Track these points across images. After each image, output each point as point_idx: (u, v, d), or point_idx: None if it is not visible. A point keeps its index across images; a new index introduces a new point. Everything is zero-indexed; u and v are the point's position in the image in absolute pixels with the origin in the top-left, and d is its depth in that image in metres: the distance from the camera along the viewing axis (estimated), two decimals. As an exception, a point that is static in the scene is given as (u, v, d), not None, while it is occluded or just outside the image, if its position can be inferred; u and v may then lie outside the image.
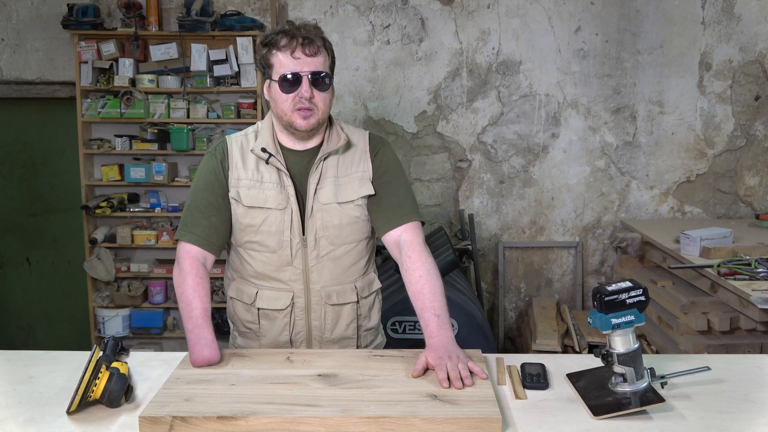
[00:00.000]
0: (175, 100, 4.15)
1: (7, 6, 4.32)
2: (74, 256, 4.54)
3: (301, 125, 1.80)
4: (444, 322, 1.73)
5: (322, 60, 1.79)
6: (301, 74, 1.77)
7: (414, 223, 1.89)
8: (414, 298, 1.80)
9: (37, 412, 1.53)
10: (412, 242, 1.86)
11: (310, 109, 1.79)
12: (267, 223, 1.86)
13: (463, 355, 1.65)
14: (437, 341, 1.68)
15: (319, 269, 1.90)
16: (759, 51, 4.24)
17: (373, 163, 1.92)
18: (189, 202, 1.91)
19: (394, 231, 1.88)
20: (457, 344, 1.70)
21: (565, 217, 4.42)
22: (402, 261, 1.85)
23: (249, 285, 1.95)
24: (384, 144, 1.98)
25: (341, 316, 1.95)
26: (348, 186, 1.89)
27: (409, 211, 1.90)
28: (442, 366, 1.59)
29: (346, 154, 1.91)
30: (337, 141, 1.89)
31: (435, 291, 1.77)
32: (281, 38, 1.78)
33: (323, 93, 1.80)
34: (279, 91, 1.79)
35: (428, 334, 1.72)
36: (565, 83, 4.30)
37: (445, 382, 1.54)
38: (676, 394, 1.58)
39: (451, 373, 1.56)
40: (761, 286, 2.80)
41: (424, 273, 1.80)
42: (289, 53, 1.77)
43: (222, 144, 1.94)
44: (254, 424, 1.42)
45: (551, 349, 3.66)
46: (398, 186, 1.93)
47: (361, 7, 4.28)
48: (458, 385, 1.54)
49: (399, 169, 1.96)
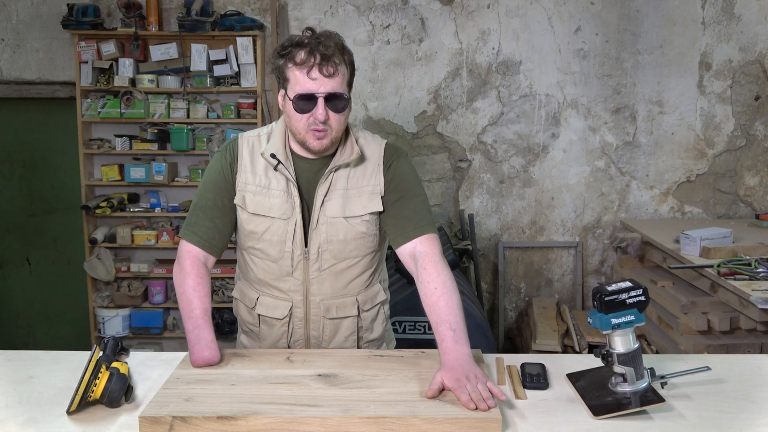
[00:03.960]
0: (175, 100, 4.15)
1: (7, 6, 4.32)
2: (74, 256, 4.54)
3: (314, 146, 1.75)
4: (460, 336, 1.63)
5: (339, 80, 1.71)
6: (317, 95, 1.70)
7: (430, 235, 1.82)
8: (429, 312, 1.71)
9: (37, 412, 1.53)
10: (428, 254, 1.78)
11: (324, 131, 1.73)
12: (270, 232, 1.83)
13: (481, 374, 1.55)
14: (453, 358, 1.59)
15: (320, 282, 1.87)
16: (759, 51, 4.24)
17: (386, 176, 1.86)
18: (195, 201, 1.89)
19: (409, 244, 1.82)
20: (474, 362, 1.60)
21: (565, 217, 4.42)
22: (417, 273, 1.78)
23: (251, 289, 1.94)
24: (399, 156, 1.89)
25: (340, 329, 1.92)
26: (357, 200, 1.84)
27: (424, 224, 1.82)
28: (462, 389, 1.49)
29: (358, 167, 1.85)
30: (350, 154, 1.82)
31: (451, 304, 1.69)
32: (298, 52, 1.70)
33: (339, 113, 1.73)
34: (293, 109, 1.73)
35: (443, 350, 1.62)
36: (565, 83, 4.30)
37: (471, 404, 1.46)
38: (676, 394, 1.58)
39: (474, 395, 1.47)
40: (761, 286, 2.80)
41: (439, 285, 1.72)
42: (305, 72, 1.69)
43: (233, 143, 1.89)
44: (254, 424, 1.41)
45: (551, 349, 3.66)
46: (412, 198, 1.85)
47: (361, 7, 4.28)
48: (483, 406, 1.45)
49: (414, 181, 1.88)
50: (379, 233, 1.90)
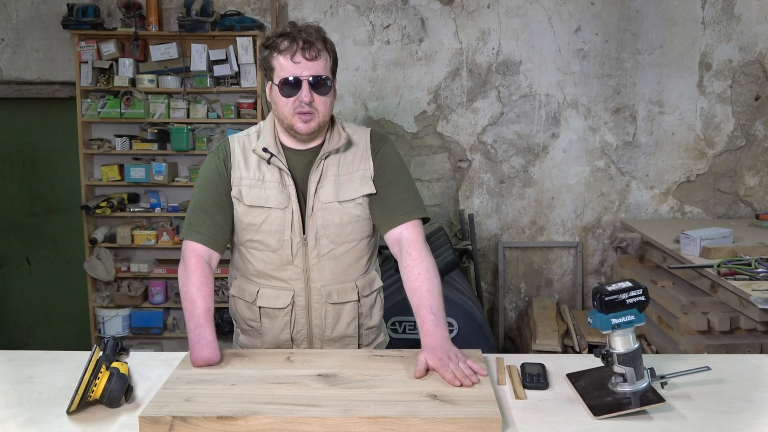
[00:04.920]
0: (175, 100, 4.15)
1: (7, 6, 4.32)
2: (74, 256, 4.54)
3: (301, 129, 1.81)
4: (440, 320, 1.74)
5: (322, 63, 1.79)
6: (301, 78, 1.77)
7: (415, 221, 1.89)
8: (411, 296, 1.81)
9: (37, 412, 1.53)
10: (413, 240, 1.86)
11: (311, 113, 1.79)
12: (268, 223, 1.87)
13: (460, 354, 1.67)
14: (433, 340, 1.69)
15: (320, 268, 1.90)
16: (759, 51, 4.24)
17: (375, 161, 1.93)
18: (193, 202, 1.92)
19: (396, 229, 1.88)
20: (453, 344, 1.71)
21: (565, 217, 4.42)
22: (402, 258, 1.86)
23: (250, 283, 1.96)
24: (385, 142, 1.98)
25: (342, 315, 1.95)
26: (349, 185, 1.89)
27: (411, 209, 1.90)
28: (446, 367, 1.61)
29: (347, 153, 1.92)
30: (338, 140, 1.89)
31: (432, 289, 1.78)
32: (282, 41, 1.78)
33: (324, 97, 1.80)
34: (279, 95, 1.80)
35: (424, 333, 1.73)
36: (565, 83, 4.30)
37: (456, 381, 1.56)
38: (676, 394, 1.58)
39: (457, 372, 1.59)
40: (761, 286, 2.80)
41: (422, 271, 1.80)
42: (289, 57, 1.77)
43: (224, 143, 1.95)
44: (254, 424, 1.42)
45: (551, 349, 3.66)
46: (399, 183, 1.92)
47: (361, 7, 4.28)
48: (467, 383, 1.56)
49: (401, 167, 1.96)
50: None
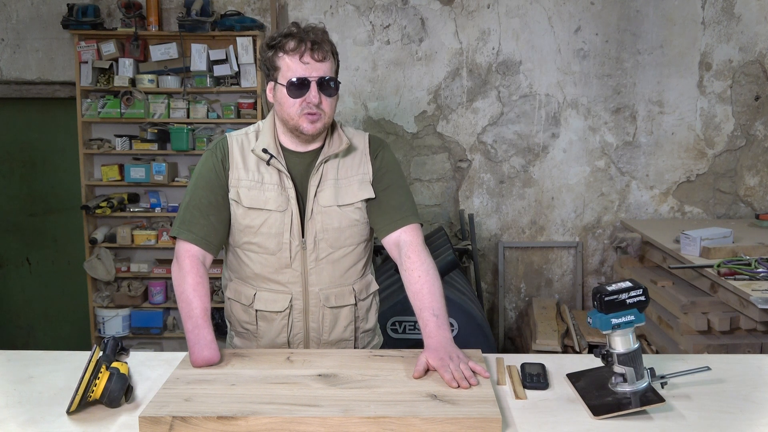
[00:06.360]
0: (175, 100, 4.15)
1: (7, 6, 4.32)
2: (74, 256, 4.54)
3: (307, 129, 1.80)
4: (442, 322, 1.74)
5: (329, 65, 1.79)
6: (309, 79, 1.76)
7: (413, 225, 1.90)
8: (413, 298, 1.80)
9: (37, 412, 1.52)
10: (412, 243, 1.86)
11: (317, 114, 1.79)
12: (267, 225, 1.85)
13: (462, 355, 1.66)
14: (436, 341, 1.69)
15: (318, 272, 1.90)
16: (759, 51, 4.24)
17: (374, 165, 1.92)
18: (188, 199, 1.88)
19: (394, 233, 1.89)
20: (456, 345, 1.71)
21: (565, 217, 4.42)
22: (401, 261, 1.86)
23: (247, 286, 1.94)
24: (384, 146, 1.98)
25: (339, 319, 1.95)
26: (348, 189, 1.89)
27: (409, 214, 1.90)
28: (446, 367, 1.60)
29: (346, 157, 1.91)
30: (339, 144, 1.88)
31: (434, 291, 1.78)
32: (289, 41, 1.77)
33: (330, 98, 1.80)
34: (286, 95, 1.78)
35: (426, 334, 1.72)
36: (565, 83, 4.30)
37: (453, 382, 1.56)
38: (676, 394, 1.58)
39: (456, 373, 1.58)
40: (761, 286, 2.80)
41: (423, 273, 1.80)
42: (297, 57, 1.76)
43: (222, 142, 1.92)
44: (254, 424, 1.42)
45: (551, 349, 3.66)
46: (397, 188, 1.93)
47: (361, 7, 4.28)
48: (465, 384, 1.56)
49: (398, 172, 1.96)
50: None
